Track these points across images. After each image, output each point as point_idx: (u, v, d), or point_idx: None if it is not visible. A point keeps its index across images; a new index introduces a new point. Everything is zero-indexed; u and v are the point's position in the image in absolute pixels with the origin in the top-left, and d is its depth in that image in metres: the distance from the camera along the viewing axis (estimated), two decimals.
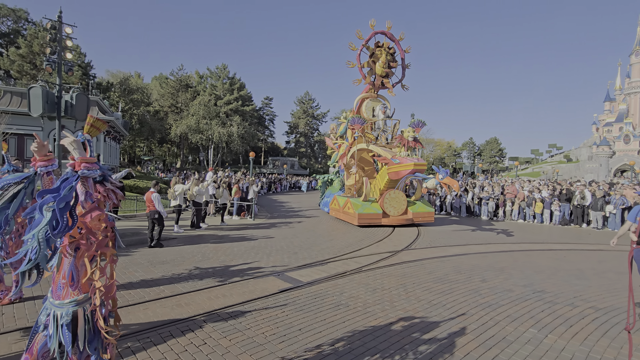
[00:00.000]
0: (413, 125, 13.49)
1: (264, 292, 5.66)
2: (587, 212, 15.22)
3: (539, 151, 77.27)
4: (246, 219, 14.82)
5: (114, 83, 51.09)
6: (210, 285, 5.93)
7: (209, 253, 8.38)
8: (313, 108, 73.90)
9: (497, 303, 5.45)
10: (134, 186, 17.59)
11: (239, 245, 9.46)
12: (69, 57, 11.63)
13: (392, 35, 14.54)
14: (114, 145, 29.46)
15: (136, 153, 61.94)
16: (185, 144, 62.20)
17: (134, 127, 50.59)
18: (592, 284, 6.64)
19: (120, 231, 9.92)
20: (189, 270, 6.86)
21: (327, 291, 5.80)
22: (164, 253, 8.26)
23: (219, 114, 57.10)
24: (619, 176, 45.70)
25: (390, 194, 13.37)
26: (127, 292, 5.50)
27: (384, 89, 15.12)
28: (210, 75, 63.74)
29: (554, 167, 54.72)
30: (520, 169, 61.49)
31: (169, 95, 60.78)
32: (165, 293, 5.49)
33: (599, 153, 48.84)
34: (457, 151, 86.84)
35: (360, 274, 6.91)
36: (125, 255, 7.82)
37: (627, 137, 48.48)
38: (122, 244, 2.36)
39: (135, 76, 63.30)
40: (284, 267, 7.21)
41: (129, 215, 13.63)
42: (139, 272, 6.60)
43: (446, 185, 11.65)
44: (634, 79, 50.25)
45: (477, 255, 9.04)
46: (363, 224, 13.00)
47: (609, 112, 54.80)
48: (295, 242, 10.04)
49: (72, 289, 2.36)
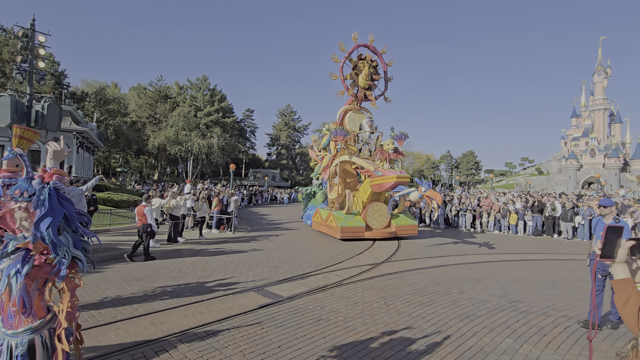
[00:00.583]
0: (395, 138, 13.49)
1: (242, 308, 5.52)
2: (557, 223, 15.85)
3: (512, 164, 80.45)
4: (226, 233, 14.54)
5: (89, 93, 49.68)
6: (187, 302, 5.74)
7: (186, 268, 8.13)
8: (295, 120, 74.30)
9: (475, 314, 5.54)
10: (108, 199, 16.94)
11: (218, 259, 9.25)
12: (42, 66, 11.26)
13: (375, 48, 14.71)
14: (88, 157, 28.45)
15: (111, 164, 59.96)
16: (164, 155, 60.89)
17: (110, 138, 49.11)
18: (563, 293, 6.87)
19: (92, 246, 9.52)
20: (164, 286, 6.62)
21: (307, 306, 5.73)
22: (139, 269, 7.95)
23: (199, 126, 56.42)
24: (586, 188, 48.03)
25: (374, 206, 13.24)
26: (98, 311, 5.25)
27: (367, 101, 15.22)
28: (191, 87, 63.16)
29: (527, 179, 56.95)
30: (495, 181, 63.60)
31: (147, 106, 59.64)
32: (139, 311, 5.27)
33: (567, 166, 51.30)
34: (436, 164, 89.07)
35: (341, 287, 6.88)
36: (96, 272, 7.48)
37: (592, 151, 51.24)
38: (87, 266, 2.19)
39: (112, 86, 61.86)
40: (264, 282, 7.09)
41: (102, 230, 13.10)
42: (111, 290, 6.31)
43: (429, 198, 11.50)
44: (597, 97, 53.55)
45: (455, 266, 9.20)
46: (346, 237, 12.77)
47: (576, 127, 57.93)
48: (276, 256, 9.91)
49: (24, 316, 2.15)
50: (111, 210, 14.66)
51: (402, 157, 13.72)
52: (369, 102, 15.14)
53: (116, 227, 13.68)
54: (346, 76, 14.63)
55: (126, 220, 14.97)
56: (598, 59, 53.42)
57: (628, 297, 1.52)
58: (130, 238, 11.64)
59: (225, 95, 64.06)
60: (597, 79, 53.26)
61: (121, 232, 13.06)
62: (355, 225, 12.90)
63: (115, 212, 15.04)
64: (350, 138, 14.60)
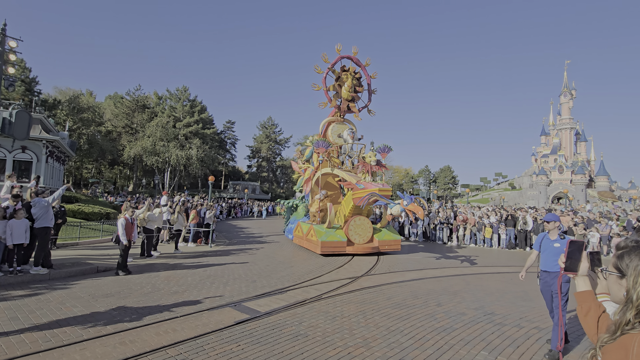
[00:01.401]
0: (379, 150, 13.11)
1: (218, 324, 5.36)
2: (529, 236, 16.42)
3: (487, 179, 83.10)
4: (203, 246, 14.16)
5: (61, 100, 47.95)
6: (159, 319, 5.50)
7: (159, 284, 7.83)
8: (276, 133, 74.27)
9: (452, 327, 5.61)
10: (78, 211, 16.18)
11: (194, 274, 8.97)
12: (11, 72, 10.81)
13: (359, 60, 14.64)
14: (58, 167, 27.24)
15: (83, 175, 57.65)
16: (140, 166, 59.18)
17: (82, 148, 47.33)
18: (535, 304, 7.07)
19: (59, 261, 9.05)
20: (136, 303, 6.33)
21: (285, 321, 5.63)
22: (109, 285, 7.59)
23: (178, 136, 55.36)
24: (556, 202, 50.22)
25: (356, 220, 12.78)
26: (62, 330, 4.94)
27: (350, 113, 15.12)
28: (170, 97, 62.20)
29: (501, 194, 58.94)
30: (471, 196, 65.45)
31: (124, 115, 58.15)
32: (107, 330, 5.00)
33: (538, 182, 53.59)
34: (414, 178, 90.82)
35: (320, 302, 6.81)
36: (62, 289, 7.08)
37: (561, 168, 53.83)
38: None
39: (87, 94, 60.07)
40: (241, 297, 6.92)
41: (71, 244, 12.45)
42: (77, 307, 5.97)
43: (411, 212, 11.23)
44: (564, 117, 56.67)
45: (433, 279, 9.32)
46: (327, 252, 12.29)
47: (545, 144, 60.79)
48: (254, 270, 9.72)
49: None
50: (81, 223, 13.98)
51: (384, 170, 13.33)
52: (352, 114, 15.06)
53: (86, 241, 13.04)
54: (329, 87, 14.53)
55: (97, 234, 14.33)
56: (564, 81, 56.82)
57: (589, 308, 1.60)
58: (100, 252, 11.14)
59: (206, 107, 63.46)
60: (564, 100, 56.50)
61: (91, 246, 12.47)
62: (337, 240, 12.43)
63: (85, 224, 14.37)
64: (334, 150, 14.41)
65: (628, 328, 1.28)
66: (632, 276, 1.34)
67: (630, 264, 1.36)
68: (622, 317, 1.31)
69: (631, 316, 1.29)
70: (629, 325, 1.28)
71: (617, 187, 54.18)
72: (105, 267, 9.11)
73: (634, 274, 1.34)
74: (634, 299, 1.30)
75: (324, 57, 14.19)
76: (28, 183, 18.58)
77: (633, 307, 1.29)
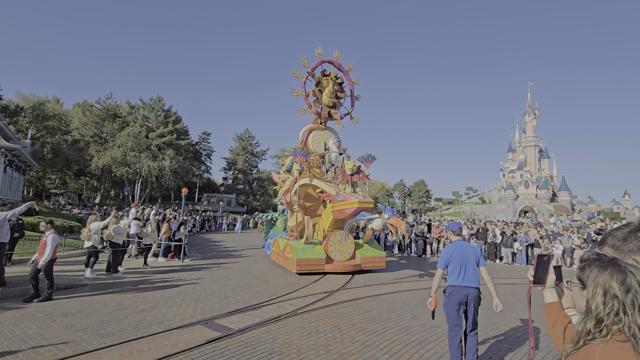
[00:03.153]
0: (362, 160, 12.23)
1: (188, 344, 5.11)
2: (499, 249, 17.00)
3: (459, 193, 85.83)
4: (174, 261, 13.61)
5: (24, 107, 45.48)
6: (124, 339, 5.18)
7: (125, 301, 7.41)
8: (253, 145, 73.78)
9: (426, 340, 5.64)
10: (37, 224, 15.15)
11: (163, 290, 8.57)
12: None
13: (340, 65, 13.88)
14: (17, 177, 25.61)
15: (45, 186, 54.47)
16: (108, 177, 56.74)
17: (46, 157, 44.86)
18: (505, 316, 7.26)
19: (14, 278, 8.38)
20: (98, 322, 5.94)
21: (259, 338, 5.45)
22: (69, 304, 7.10)
23: (150, 147, 53.66)
24: (522, 216, 52.49)
25: (336, 235, 11.66)
26: (14, 355, 4.53)
27: (332, 120, 14.24)
28: (143, 107, 60.47)
29: (472, 207, 61.02)
30: (444, 209, 67.24)
31: (93, 124, 55.90)
32: (65, 353, 4.64)
33: (506, 196, 55.97)
34: (390, 191, 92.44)
35: (296, 317, 6.67)
36: (16, 309, 6.55)
37: (526, 183, 56.61)
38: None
39: (53, 101, 57.40)
40: (213, 314, 6.66)
41: (28, 259, 11.58)
42: (32, 329, 5.53)
43: (392, 226, 10.34)
44: (528, 134, 60.02)
45: (407, 292, 9.39)
46: (303, 271, 11.23)
47: (512, 161, 63.88)
48: (228, 285, 9.43)
49: None
50: (40, 238, 13.10)
51: (365, 180, 12.08)
52: (334, 121, 14.20)
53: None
54: (308, 92, 13.66)
55: (59, 249, 13.44)
56: (528, 101, 60.47)
57: (556, 319, 1.66)
58: (61, 268, 10.45)
59: (181, 117, 62.16)
60: (528, 119, 60.00)
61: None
62: (314, 257, 11.39)
63: None
64: (316, 159, 13.54)
65: (589, 338, 1.34)
66: (592, 287, 1.40)
67: (590, 275, 1.43)
68: (583, 327, 1.37)
69: (591, 326, 1.34)
70: (590, 336, 1.34)
71: (577, 201, 57.55)
72: (65, 284, 8.54)
73: (592, 285, 1.40)
74: (592, 308, 1.36)
75: (304, 61, 13.37)
76: None
77: (592, 317, 1.35)
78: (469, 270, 4.42)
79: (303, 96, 13.71)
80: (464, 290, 4.38)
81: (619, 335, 1.30)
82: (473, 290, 4.38)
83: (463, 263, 4.45)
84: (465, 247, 4.59)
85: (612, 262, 1.42)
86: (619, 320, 1.31)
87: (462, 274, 4.42)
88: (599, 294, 1.37)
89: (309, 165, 13.08)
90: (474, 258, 4.50)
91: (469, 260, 4.47)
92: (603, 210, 44.30)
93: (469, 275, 4.41)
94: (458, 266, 4.44)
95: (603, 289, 1.36)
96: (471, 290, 4.38)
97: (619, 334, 1.30)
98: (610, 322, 1.32)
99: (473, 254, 4.53)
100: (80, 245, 14.29)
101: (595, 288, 1.39)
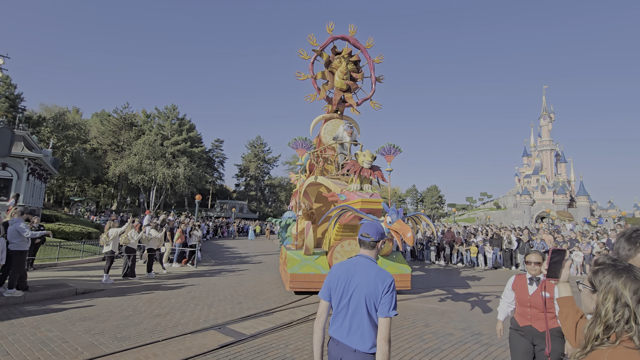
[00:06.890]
0: (383, 152, 10.01)
1: (201, 348, 5.19)
2: (514, 256, 16.63)
3: (472, 199, 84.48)
4: (187, 267, 13.82)
5: (46, 117, 47.24)
6: (140, 343, 5.31)
7: (141, 306, 7.58)
8: (264, 152, 74.46)
9: (439, 348, 5.57)
10: (58, 230, 15.64)
11: (178, 295, 8.72)
12: None
13: (357, 40, 11.20)
14: (39, 185, 26.51)
15: (65, 193, 56.10)
16: (125, 184, 58.09)
17: (66, 165, 46.33)
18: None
19: (35, 282, 8.67)
20: (115, 326, 6.10)
21: (271, 344, 5.50)
22: (88, 308, 7.30)
23: (165, 155, 54.84)
24: (539, 222, 51.21)
25: (344, 246, 9.01)
26: (35, 357, 4.71)
27: (347, 106, 11.61)
28: (158, 115, 61.98)
29: (486, 213, 59.90)
30: (457, 215, 66.25)
31: (110, 133, 57.50)
32: (84, 355, 4.79)
33: (521, 201, 54.77)
34: (402, 197, 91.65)
35: (308, 323, 6.69)
36: (37, 312, 6.78)
37: (543, 188, 55.30)
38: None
39: (72, 111, 59.39)
40: (226, 319, 6.74)
41: (49, 265, 12.00)
42: (53, 332, 5.71)
43: (396, 232, 6.89)
44: (544, 139, 58.82)
45: (420, 299, 9.29)
46: (298, 289, 8.94)
47: (527, 165, 62.66)
48: (240, 291, 9.52)
49: None
50: (61, 243, 13.53)
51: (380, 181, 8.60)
52: (350, 107, 11.58)
53: (65, 262, 12.60)
54: (316, 75, 11.29)
55: (77, 254, 13.85)
56: (543, 105, 59.38)
57: (567, 313, 1.68)
58: (80, 273, 10.76)
59: (195, 125, 63.40)
60: (543, 123, 58.84)
61: (70, 267, 12.05)
62: (314, 273, 9.01)
63: (65, 244, 13.90)
64: (332, 154, 10.88)
65: (597, 344, 1.34)
66: (602, 292, 1.41)
67: (602, 280, 1.43)
68: (592, 331, 1.37)
69: (600, 331, 1.35)
70: (598, 341, 1.34)
71: (597, 206, 55.80)
72: (84, 289, 8.79)
73: (604, 291, 1.40)
74: (602, 314, 1.37)
75: (312, 39, 10.92)
76: (7, 201, 18.00)
77: (601, 323, 1.36)
78: (354, 317, 2.27)
79: (311, 80, 11.33)
80: (339, 351, 2.27)
81: (628, 342, 1.29)
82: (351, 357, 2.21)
83: (346, 301, 2.32)
84: (359, 271, 2.34)
85: (627, 270, 1.40)
86: (629, 329, 1.31)
87: (344, 322, 2.31)
88: (609, 301, 1.36)
89: (317, 159, 10.63)
90: (365, 297, 2.25)
91: (358, 298, 2.27)
92: (624, 216, 42.90)
93: (352, 326, 2.27)
94: (339, 305, 2.36)
95: (614, 296, 1.36)
96: (348, 355, 2.22)
97: (628, 340, 1.30)
98: (620, 329, 1.32)
99: (367, 287, 2.26)
100: (98, 250, 14.69)
101: (606, 294, 1.39)
